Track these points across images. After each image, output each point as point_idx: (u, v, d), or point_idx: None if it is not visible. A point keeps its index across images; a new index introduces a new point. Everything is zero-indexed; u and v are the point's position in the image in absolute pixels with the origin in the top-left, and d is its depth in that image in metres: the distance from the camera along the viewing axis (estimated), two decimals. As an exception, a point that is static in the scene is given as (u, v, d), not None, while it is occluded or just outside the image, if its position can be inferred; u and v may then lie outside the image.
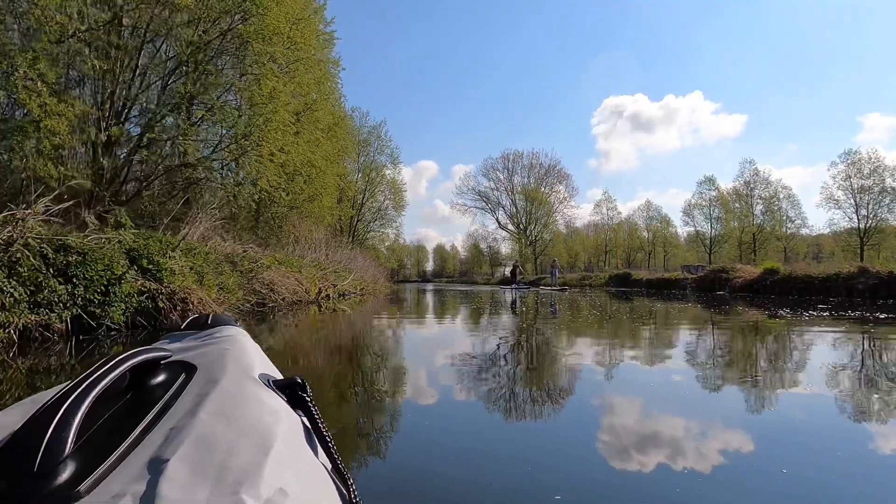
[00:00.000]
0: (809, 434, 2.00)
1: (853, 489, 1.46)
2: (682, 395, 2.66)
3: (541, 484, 1.47)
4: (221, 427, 0.47)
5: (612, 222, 55.62)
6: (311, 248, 14.09)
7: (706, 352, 4.14)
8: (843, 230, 37.03)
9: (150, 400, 0.55)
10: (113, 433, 0.47)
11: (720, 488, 1.46)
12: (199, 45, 8.73)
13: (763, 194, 42.57)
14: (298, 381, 0.63)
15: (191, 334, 0.81)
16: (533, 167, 55.55)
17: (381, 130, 34.95)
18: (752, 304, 10.77)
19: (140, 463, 0.42)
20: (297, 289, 9.78)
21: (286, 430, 0.50)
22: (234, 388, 0.57)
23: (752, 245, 42.26)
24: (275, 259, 9.43)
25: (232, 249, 8.17)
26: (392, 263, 46.21)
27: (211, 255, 6.74)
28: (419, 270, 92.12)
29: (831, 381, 2.90)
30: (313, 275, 11.54)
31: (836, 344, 4.59)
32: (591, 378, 3.00)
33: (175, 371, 0.63)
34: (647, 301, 12.40)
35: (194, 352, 0.71)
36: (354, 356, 3.98)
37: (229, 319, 0.88)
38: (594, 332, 5.58)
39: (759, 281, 16.24)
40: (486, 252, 66.62)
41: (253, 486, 0.39)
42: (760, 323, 6.58)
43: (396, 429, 2.05)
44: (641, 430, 1.98)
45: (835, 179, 36.72)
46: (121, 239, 5.06)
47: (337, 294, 13.15)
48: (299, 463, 0.48)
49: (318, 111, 13.96)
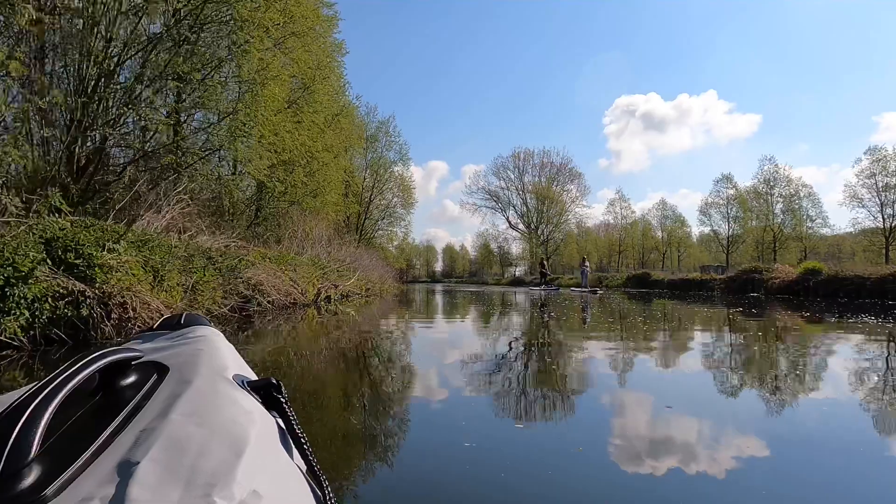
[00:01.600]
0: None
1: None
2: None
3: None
4: (194, 428, 0.46)
5: (625, 222, 54.27)
6: (312, 244, 12.89)
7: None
8: (867, 230, 35.59)
9: (120, 401, 0.53)
10: (82, 435, 0.45)
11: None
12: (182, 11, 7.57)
13: (784, 192, 41.07)
14: (273, 382, 0.60)
15: (163, 334, 0.78)
16: (544, 166, 54.53)
17: (389, 126, 33.59)
18: (810, 308, 9.38)
19: (109, 465, 0.41)
20: (292, 290, 8.58)
21: (260, 432, 0.49)
22: (207, 388, 0.54)
23: (773, 245, 40.80)
24: (260, 255, 8.22)
25: (213, 244, 6.97)
26: (400, 263, 45.03)
27: (178, 250, 5.53)
28: (428, 270, 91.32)
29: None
30: (311, 274, 10.33)
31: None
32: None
33: (146, 372, 0.61)
34: (686, 306, 11.07)
35: (166, 352, 0.68)
36: (330, 413, 2.73)
37: (203, 319, 0.84)
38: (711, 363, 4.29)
39: (799, 282, 14.80)
40: (497, 252, 65.68)
41: (225, 488, 0.38)
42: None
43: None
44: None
45: (858, 177, 35.21)
46: (43, 226, 3.86)
47: (339, 295, 11.97)
48: (273, 464, 0.47)
49: (317, 95, 12.72)
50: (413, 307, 10.32)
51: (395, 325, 6.28)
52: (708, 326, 6.16)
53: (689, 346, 4.47)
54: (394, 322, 6.74)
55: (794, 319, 7.14)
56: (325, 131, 15.21)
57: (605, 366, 3.33)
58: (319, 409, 2.28)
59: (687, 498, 1.36)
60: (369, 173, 33.29)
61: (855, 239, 39.63)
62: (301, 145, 11.70)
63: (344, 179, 19.17)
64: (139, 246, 4.76)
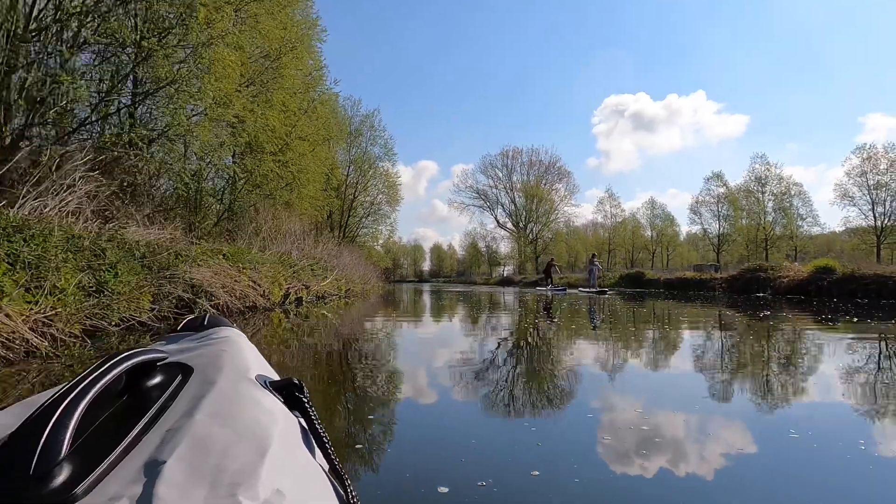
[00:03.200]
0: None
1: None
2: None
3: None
4: (218, 428, 0.46)
5: (615, 220, 53.70)
6: (282, 240, 11.57)
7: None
8: (858, 229, 35.38)
9: (146, 402, 0.54)
10: (109, 435, 0.46)
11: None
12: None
13: (775, 190, 40.77)
14: (295, 382, 0.61)
15: (187, 336, 0.80)
16: (533, 164, 53.77)
17: (373, 119, 32.04)
18: (835, 311, 8.30)
19: (136, 465, 0.41)
20: (250, 291, 7.29)
21: (283, 432, 0.49)
22: (230, 389, 0.55)
23: (765, 243, 40.38)
24: (211, 251, 6.90)
25: (146, 236, 5.66)
26: (386, 262, 43.66)
27: (81, 241, 4.23)
28: (416, 270, 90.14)
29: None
30: (278, 273, 9.04)
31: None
32: None
33: (171, 372, 0.61)
34: (698, 307, 9.97)
35: (190, 353, 0.69)
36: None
37: (225, 321, 0.85)
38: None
39: (811, 281, 13.81)
40: (485, 251, 64.81)
41: (250, 488, 0.38)
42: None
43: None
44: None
45: (849, 175, 35.02)
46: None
47: (313, 296, 10.68)
48: (296, 464, 0.48)
49: (287, 71, 11.32)
50: (398, 309, 9.05)
51: (372, 333, 5.05)
52: (770, 339, 5.01)
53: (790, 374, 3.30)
54: (370, 327, 5.51)
55: (846, 325, 6.03)
56: (300, 117, 13.86)
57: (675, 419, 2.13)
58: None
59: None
60: (353, 169, 31.88)
61: (845, 238, 39.59)
62: (268, 129, 10.34)
63: (324, 172, 17.74)
64: (8, 235, 3.46)
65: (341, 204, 30.58)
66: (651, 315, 7.83)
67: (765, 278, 15.84)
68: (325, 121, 16.91)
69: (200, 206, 11.79)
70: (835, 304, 9.93)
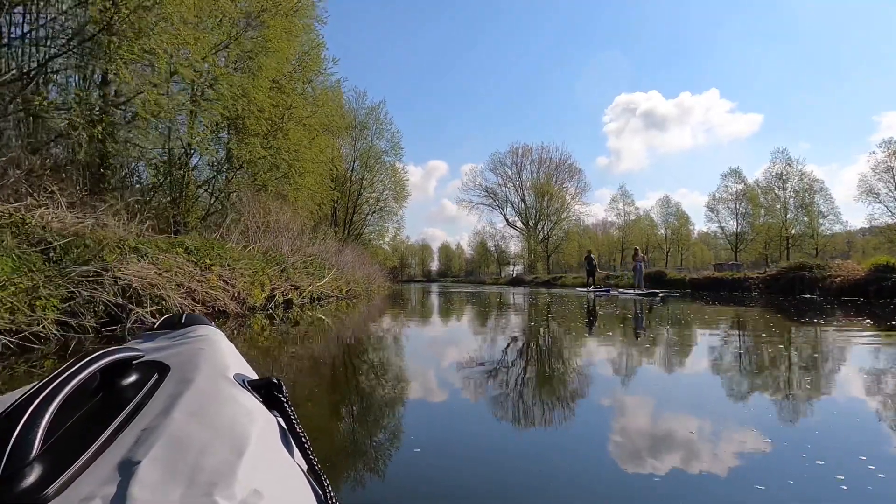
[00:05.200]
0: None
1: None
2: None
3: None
4: (195, 427, 0.45)
5: (628, 219, 52.07)
6: (271, 234, 10.15)
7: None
8: (882, 226, 33.76)
9: (121, 401, 0.52)
10: (83, 435, 0.44)
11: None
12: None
13: (797, 187, 39.07)
14: (274, 381, 0.58)
15: (163, 334, 0.75)
16: (543, 161, 52.14)
17: (379, 112, 30.42)
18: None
19: (111, 465, 0.40)
20: (220, 294, 5.88)
21: (261, 431, 0.48)
22: (208, 388, 0.53)
23: (787, 241, 38.71)
24: (165, 243, 5.47)
25: (63, 223, 4.25)
26: (393, 261, 42.15)
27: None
28: (424, 270, 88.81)
29: None
30: (261, 272, 7.62)
31: None
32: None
33: (147, 371, 0.59)
34: (793, 316, 8.45)
35: (167, 351, 0.66)
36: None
37: (203, 319, 0.81)
38: None
39: (870, 281, 12.18)
40: (494, 250, 63.30)
41: (227, 487, 0.37)
42: None
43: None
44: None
45: (875, 171, 33.29)
46: None
47: (308, 298, 9.27)
48: (274, 463, 0.46)
49: (274, 39, 9.86)
50: (400, 316, 7.60)
51: (369, 348, 3.62)
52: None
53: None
54: (366, 340, 4.10)
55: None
56: (295, 99, 12.46)
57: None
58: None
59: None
60: (359, 164, 30.41)
61: (859, 237, 38.01)
62: (254, 105, 8.96)
63: (326, 162, 16.31)
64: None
65: (346, 200, 29.16)
66: (804, 334, 6.31)
67: (811, 278, 14.22)
68: (325, 107, 15.49)
69: (184, 196, 10.43)
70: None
